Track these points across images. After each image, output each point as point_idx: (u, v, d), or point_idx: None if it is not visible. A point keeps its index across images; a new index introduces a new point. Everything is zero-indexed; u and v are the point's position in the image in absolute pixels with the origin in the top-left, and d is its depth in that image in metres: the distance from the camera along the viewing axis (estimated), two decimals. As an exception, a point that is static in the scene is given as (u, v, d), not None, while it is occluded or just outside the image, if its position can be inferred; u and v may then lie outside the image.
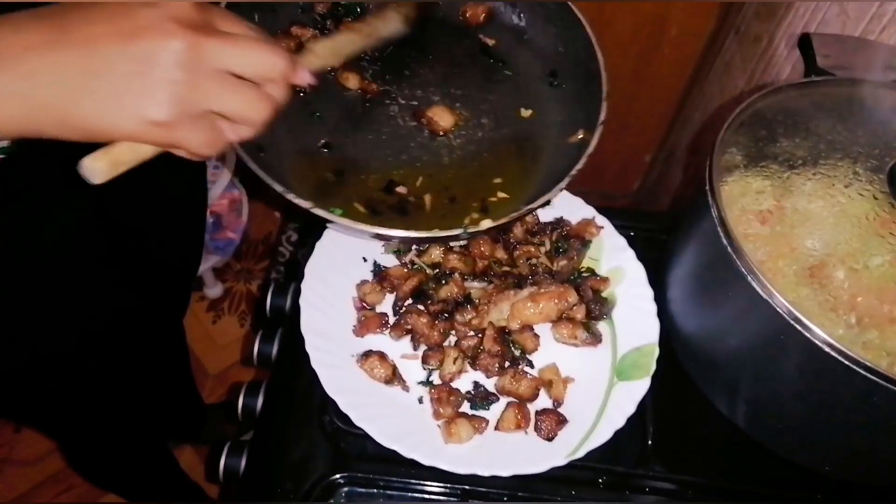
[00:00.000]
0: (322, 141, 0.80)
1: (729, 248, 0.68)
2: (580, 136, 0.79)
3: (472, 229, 0.70)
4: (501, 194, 0.79)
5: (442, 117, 0.82)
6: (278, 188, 0.66)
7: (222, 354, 1.94)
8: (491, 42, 0.91)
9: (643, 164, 1.99)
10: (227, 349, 1.95)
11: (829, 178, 0.78)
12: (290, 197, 0.66)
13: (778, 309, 0.64)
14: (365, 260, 0.85)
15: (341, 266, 0.84)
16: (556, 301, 0.77)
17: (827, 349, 0.62)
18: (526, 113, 0.86)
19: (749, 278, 0.66)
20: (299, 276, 0.83)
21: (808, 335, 0.63)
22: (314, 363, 0.74)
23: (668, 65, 1.71)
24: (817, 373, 0.65)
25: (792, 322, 0.63)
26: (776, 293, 0.64)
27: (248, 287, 2.05)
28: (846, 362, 0.61)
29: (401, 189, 0.78)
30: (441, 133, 0.82)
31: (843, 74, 0.81)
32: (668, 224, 0.92)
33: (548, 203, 0.72)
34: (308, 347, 0.75)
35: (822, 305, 0.74)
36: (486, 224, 0.70)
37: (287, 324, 0.88)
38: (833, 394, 0.66)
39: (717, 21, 1.60)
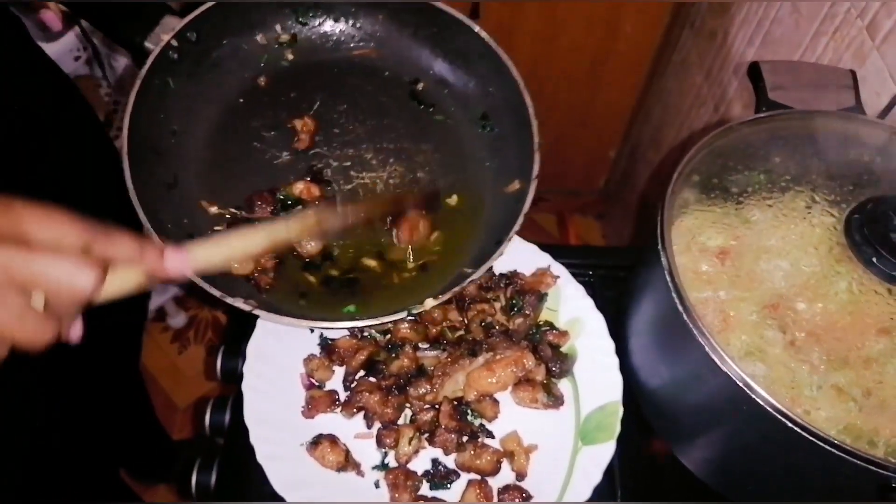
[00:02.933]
0: None
1: (684, 314, 0.64)
2: (517, 187, 0.76)
3: (416, 310, 0.67)
4: (438, 252, 0.76)
5: None
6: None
7: (191, 386, 1.88)
8: (420, 86, 0.86)
9: (608, 159, 1.95)
10: (195, 381, 1.89)
11: (786, 211, 0.75)
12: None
13: (731, 377, 0.61)
14: (312, 331, 0.81)
15: (287, 339, 0.79)
16: (514, 368, 0.73)
17: (783, 420, 0.59)
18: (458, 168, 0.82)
19: (702, 343, 0.63)
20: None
21: (761, 403, 0.60)
22: (260, 458, 0.69)
23: (625, 61, 1.67)
24: (776, 438, 0.63)
25: (745, 390, 0.61)
26: (728, 360, 0.62)
27: (213, 314, 1.99)
28: (801, 432, 0.59)
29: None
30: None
31: (795, 104, 0.78)
32: (627, 260, 0.89)
33: (489, 269, 0.70)
34: (253, 440, 0.71)
35: (786, 346, 0.71)
36: (430, 303, 0.68)
37: (238, 388, 0.83)
38: (795, 458, 0.64)
39: (671, 17, 1.56)
